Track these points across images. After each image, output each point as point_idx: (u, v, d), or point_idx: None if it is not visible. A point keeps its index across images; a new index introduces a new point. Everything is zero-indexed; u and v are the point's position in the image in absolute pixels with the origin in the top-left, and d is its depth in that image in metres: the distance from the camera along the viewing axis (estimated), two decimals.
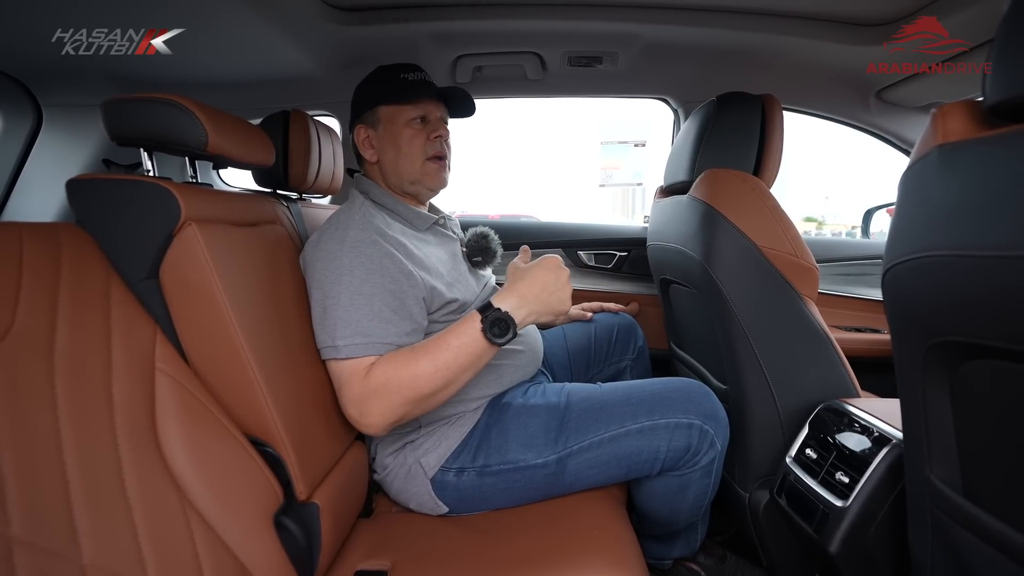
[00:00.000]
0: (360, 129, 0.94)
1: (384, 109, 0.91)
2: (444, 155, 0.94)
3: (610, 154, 3.54)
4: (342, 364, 0.77)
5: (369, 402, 0.74)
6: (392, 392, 0.74)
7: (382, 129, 0.92)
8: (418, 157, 0.91)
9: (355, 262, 0.79)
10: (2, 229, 0.55)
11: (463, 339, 0.76)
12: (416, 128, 0.91)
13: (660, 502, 0.87)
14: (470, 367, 0.77)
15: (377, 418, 0.74)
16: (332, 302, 0.78)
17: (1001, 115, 0.42)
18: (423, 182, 0.93)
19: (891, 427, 0.74)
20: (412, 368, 0.74)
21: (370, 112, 0.93)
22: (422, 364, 0.74)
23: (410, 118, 0.91)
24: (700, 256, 0.92)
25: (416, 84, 0.91)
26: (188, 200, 0.67)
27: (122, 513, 0.51)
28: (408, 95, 0.91)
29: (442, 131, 0.93)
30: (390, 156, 0.92)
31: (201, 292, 0.66)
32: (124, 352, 0.59)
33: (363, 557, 0.77)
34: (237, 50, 1.16)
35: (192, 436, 0.61)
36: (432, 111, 0.93)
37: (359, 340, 0.76)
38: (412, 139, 0.91)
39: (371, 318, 0.77)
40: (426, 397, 0.75)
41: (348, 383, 0.76)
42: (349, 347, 0.76)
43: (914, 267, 0.48)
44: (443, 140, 0.94)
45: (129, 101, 0.70)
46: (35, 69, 1.18)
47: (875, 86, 1.36)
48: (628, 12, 1.16)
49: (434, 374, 0.74)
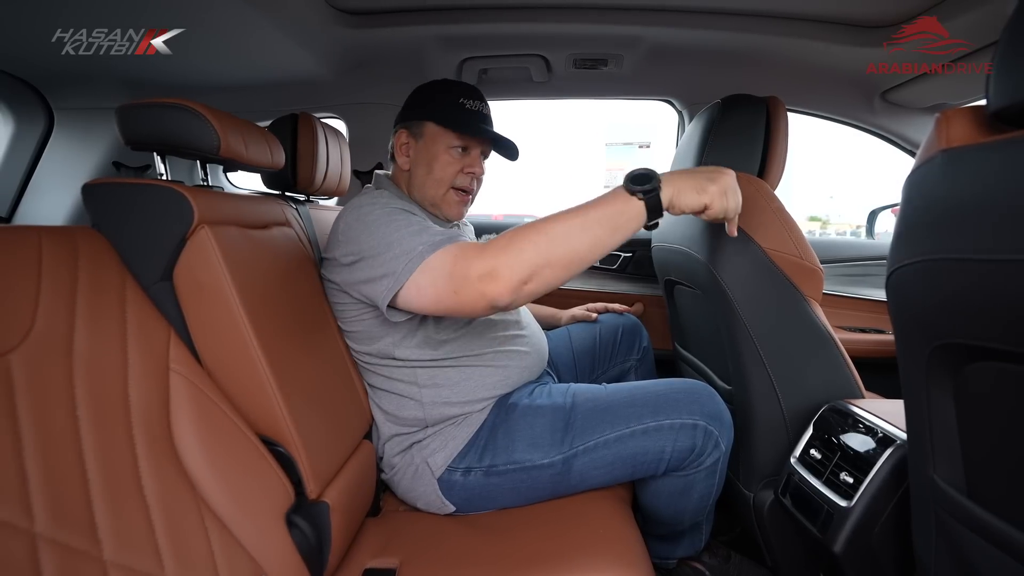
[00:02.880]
0: (402, 133, 0.94)
1: (431, 127, 0.91)
2: (471, 191, 0.94)
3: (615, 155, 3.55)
4: (436, 256, 0.71)
5: (496, 257, 0.68)
6: (522, 243, 0.68)
7: (422, 144, 0.92)
8: (446, 184, 0.91)
9: (392, 215, 0.79)
10: (21, 233, 0.56)
11: (601, 196, 0.69)
12: (454, 157, 0.91)
13: (665, 502, 0.88)
14: (608, 221, 0.68)
15: (507, 272, 0.67)
16: (393, 237, 0.75)
17: (1005, 120, 0.43)
18: (441, 208, 0.93)
19: (895, 428, 0.74)
20: (543, 220, 0.68)
21: (418, 123, 0.92)
22: (556, 216, 0.68)
23: (452, 145, 0.90)
24: (705, 258, 0.93)
25: (472, 115, 0.90)
26: (201, 203, 0.68)
27: (140, 511, 0.52)
28: (459, 125, 0.89)
29: (477, 168, 0.93)
30: (421, 172, 0.92)
31: (214, 294, 0.68)
32: (139, 353, 0.60)
33: (371, 555, 0.78)
34: (245, 54, 1.18)
35: (205, 436, 0.62)
36: (476, 145, 0.92)
37: (440, 238, 0.74)
38: (447, 165, 0.90)
39: (423, 228, 0.76)
40: (560, 247, 0.67)
41: (460, 257, 0.70)
42: (435, 242, 0.72)
43: (918, 270, 0.48)
44: (475, 177, 0.93)
45: (143, 106, 0.72)
46: (47, 73, 1.20)
47: (880, 87, 1.36)
48: (633, 15, 1.17)
49: (569, 220, 0.68)
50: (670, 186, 0.69)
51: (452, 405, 0.87)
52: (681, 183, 0.69)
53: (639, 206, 0.68)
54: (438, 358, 0.88)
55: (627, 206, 0.68)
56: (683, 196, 0.69)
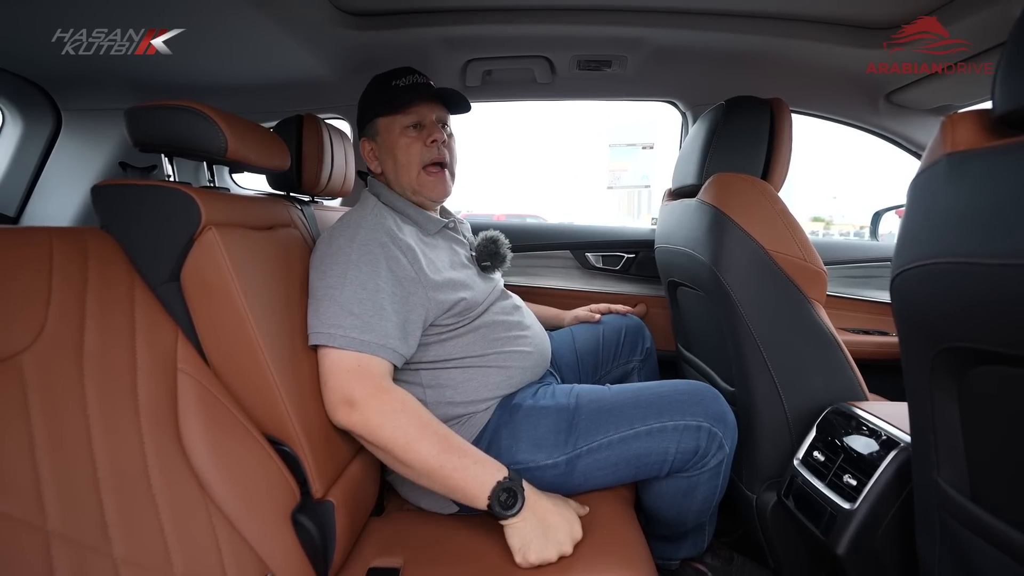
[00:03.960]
0: (364, 142, 0.95)
1: (381, 121, 0.92)
2: (442, 160, 0.93)
3: (618, 156, 3.55)
4: (340, 353, 0.75)
5: (372, 403, 0.73)
6: (397, 418, 0.73)
7: (381, 140, 0.93)
8: (415, 166, 0.91)
9: (362, 259, 0.79)
10: (32, 234, 0.57)
11: (473, 471, 0.72)
12: (411, 136, 0.91)
13: (668, 503, 0.88)
14: (446, 482, 0.72)
15: (369, 416, 0.73)
16: (336, 291, 0.77)
17: (1010, 124, 0.43)
18: (423, 192, 0.93)
19: (899, 430, 0.74)
20: (421, 431, 0.73)
21: (370, 125, 0.94)
22: (427, 440, 0.72)
23: (404, 126, 0.90)
24: (708, 259, 0.93)
25: (406, 90, 0.90)
26: (208, 205, 0.69)
27: (149, 509, 0.53)
28: (399, 103, 0.89)
29: (437, 135, 0.91)
30: (390, 167, 0.93)
31: (220, 295, 0.68)
32: (148, 353, 0.61)
33: (376, 554, 0.79)
34: (251, 55, 1.18)
35: (213, 435, 0.63)
36: (426, 115, 0.92)
37: (355, 335, 0.75)
38: (408, 148, 0.90)
39: (372, 313, 0.76)
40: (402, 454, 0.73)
41: (359, 378, 0.74)
42: (346, 340, 0.75)
43: (922, 274, 0.48)
44: (439, 144, 0.92)
45: (151, 109, 0.72)
46: (54, 74, 1.21)
47: (884, 88, 1.36)
48: (636, 16, 1.17)
49: (433, 454, 0.72)
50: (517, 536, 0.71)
51: (456, 405, 0.88)
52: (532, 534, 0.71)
53: (484, 505, 0.71)
54: (441, 359, 0.88)
55: (477, 495, 0.71)
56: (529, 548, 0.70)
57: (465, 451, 0.74)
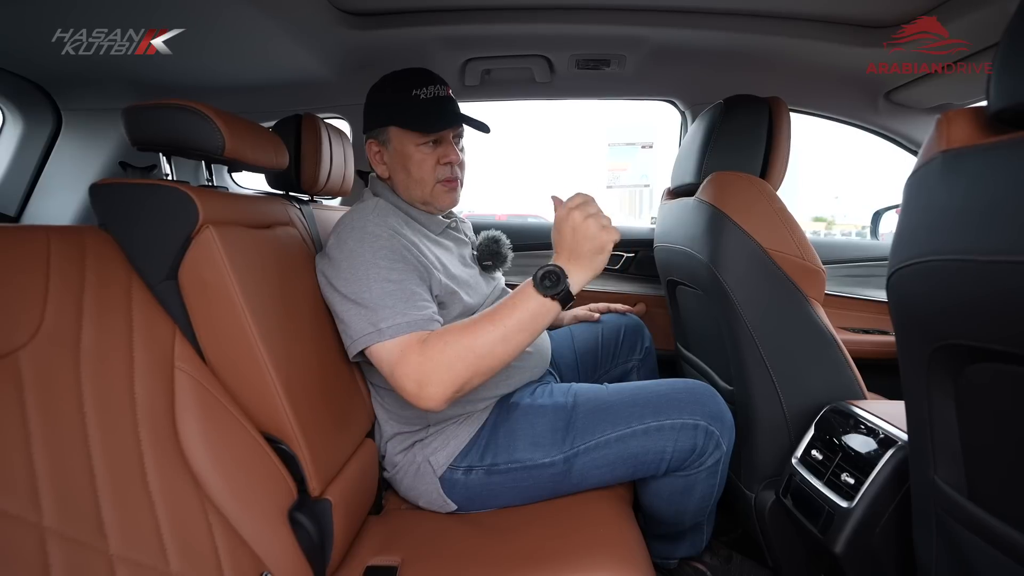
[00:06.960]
0: (372, 143, 0.93)
1: (394, 130, 0.89)
2: (456, 177, 0.92)
3: (617, 156, 3.54)
4: (388, 345, 0.74)
5: (429, 373, 0.71)
6: (452, 359, 0.71)
7: (392, 149, 0.90)
8: (429, 182, 0.90)
9: (378, 255, 0.79)
10: (30, 232, 0.57)
11: (517, 299, 0.73)
12: (426, 152, 0.88)
13: (666, 502, 0.88)
14: (527, 326, 0.73)
15: (438, 388, 0.71)
16: (365, 294, 0.77)
17: (1005, 122, 0.43)
18: (433, 203, 0.92)
19: (896, 429, 0.74)
20: (470, 333, 0.72)
21: (381, 129, 0.90)
22: (480, 328, 0.72)
23: (420, 143, 0.88)
24: (707, 258, 0.93)
25: (430, 105, 0.86)
26: (206, 203, 0.69)
27: (145, 506, 0.53)
28: (422, 124, 0.87)
29: (452, 156, 0.89)
30: (401, 177, 0.91)
31: (218, 293, 0.68)
32: (145, 351, 0.61)
33: (373, 553, 0.79)
34: (250, 55, 1.18)
35: (210, 433, 0.63)
36: (445, 133, 0.89)
37: (400, 320, 0.75)
38: (422, 163, 0.88)
39: (406, 300, 0.76)
40: (486, 360, 0.72)
41: (402, 360, 0.73)
42: (393, 327, 0.74)
43: (918, 271, 0.48)
44: (454, 164, 0.90)
45: (149, 108, 0.73)
46: (54, 74, 1.21)
47: (883, 87, 1.36)
48: (635, 15, 1.17)
49: (492, 334, 0.72)
50: (574, 275, 0.73)
51: (454, 404, 0.88)
52: (577, 267, 0.73)
53: (554, 306, 0.73)
54: None
55: (543, 307, 0.72)
56: (585, 275, 0.73)
57: (503, 308, 0.74)
